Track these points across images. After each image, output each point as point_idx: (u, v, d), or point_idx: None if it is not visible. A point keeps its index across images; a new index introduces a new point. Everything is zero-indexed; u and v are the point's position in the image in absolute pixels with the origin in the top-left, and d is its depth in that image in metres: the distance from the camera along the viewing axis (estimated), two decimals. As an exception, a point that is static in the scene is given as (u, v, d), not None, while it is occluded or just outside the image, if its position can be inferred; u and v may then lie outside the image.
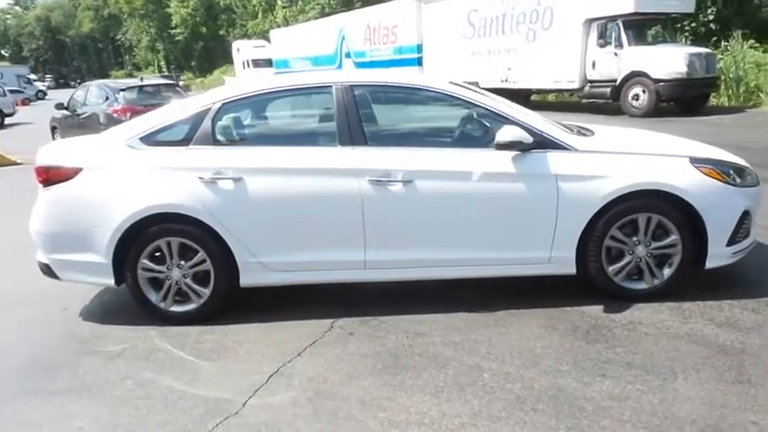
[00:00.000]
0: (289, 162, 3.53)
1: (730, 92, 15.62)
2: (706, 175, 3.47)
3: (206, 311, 3.69)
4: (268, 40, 39.31)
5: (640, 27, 14.34)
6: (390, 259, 3.59)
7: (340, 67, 25.08)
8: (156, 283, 3.69)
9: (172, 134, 3.70)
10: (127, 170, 3.60)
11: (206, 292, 3.66)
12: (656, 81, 13.09)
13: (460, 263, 3.60)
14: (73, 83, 70.97)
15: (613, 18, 13.82)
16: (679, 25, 17.33)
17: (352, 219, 3.50)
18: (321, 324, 3.57)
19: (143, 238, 3.57)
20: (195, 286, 3.66)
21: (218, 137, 3.65)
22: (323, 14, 39.62)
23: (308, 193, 3.50)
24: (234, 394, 2.87)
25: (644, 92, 13.41)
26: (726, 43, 16.46)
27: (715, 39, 17.41)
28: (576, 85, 14.92)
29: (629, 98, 13.67)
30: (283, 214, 3.53)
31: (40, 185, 3.72)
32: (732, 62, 15.56)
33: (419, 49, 20.17)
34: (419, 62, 20.21)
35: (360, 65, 23.74)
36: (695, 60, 13.04)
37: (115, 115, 9.83)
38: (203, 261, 3.61)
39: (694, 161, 3.51)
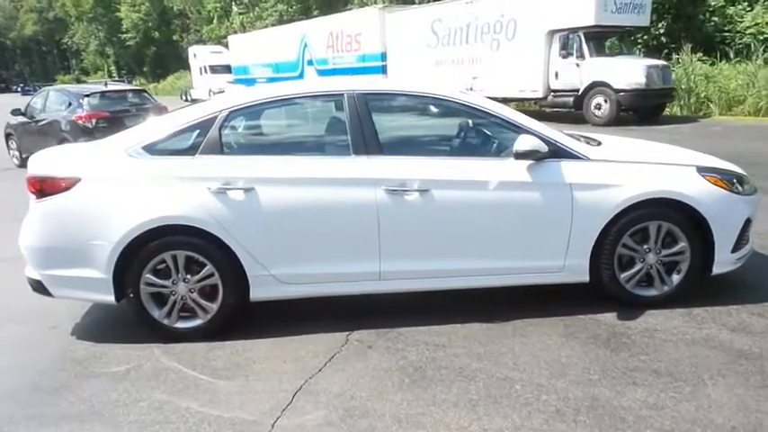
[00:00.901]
0: (302, 171, 3.43)
1: (682, 102, 16.30)
2: (712, 183, 3.56)
3: (213, 328, 3.54)
4: (225, 45, 38.74)
5: (599, 39, 14.84)
6: (405, 270, 3.53)
7: (302, 74, 24.88)
8: (159, 299, 3.52)
9: (176, 143, 3.55)
10: (129, 180, 3.42)
11: (213, 307, 3.51)
12: (617, 91, 13.53)
13: (476, 272, 3.57)
14: (15, 87, 68.01)
15: (575, 30, 14.24)
16: (632, 38, 17.97)
17: (367, 229, 3.43)
18: (335, 338, 3.48)
19: (147, 251, 3.40)
20: (202, 301, 3.51)
21: (227, 145, 3.52)
22: (281, 21, 39.38)
23: (321, 203, 3.40)
24: (260, 415, 2.74)
25: (605, 101, 13.84)
26: (677, 56, 17.15)
27: (666, 51, 18.14)
28: (539, 95, 15.28)
29: (592, 107, 14.07)
30: (296, 225, 3.43)
31: (33, 196, 3.49)
32: (683, 74, 16.24)
33: (383, 57, 20.24)
34: (383, 70, 20.28)
35: (322, 72, 23.58)
36: (653, 72, 13.55)
37: (80, 122, 9.41)
38: (211, 275, 3.46)
39: (701, 170, 3.60)
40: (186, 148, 3.53)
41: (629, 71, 13.47)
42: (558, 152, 3.48)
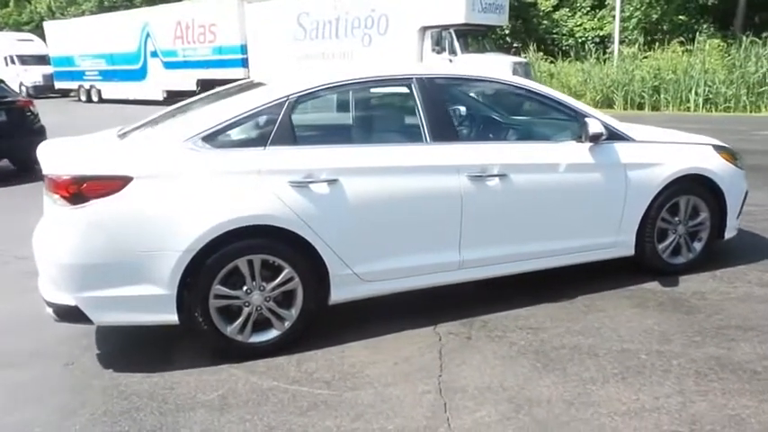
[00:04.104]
0: (385, 160, 3.22)
1: (532, 96, 18.06)
2: (725, 159, 4.05)
3: (290, 338, 3.18)
4: (32, 32, 34.03)
5: (466, 36, 15.78)
6: (484, 257, 3.49)
7: (144, 66, 22.92)
8: (226, 313, 3.07)
9: (239, 133, 3.12)
10: (193, 177, 2.92)
11: (292, 314, 3.15)
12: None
13: (546, 254, 3.65)
14: None
15: (446, 27, 14.99)
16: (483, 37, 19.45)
17: (450, 217, 3.34)
18: (424, 333, 3.34)
19: (219, 258, 2.94)
20: (279, 310, 3.13)
21: (299, 134, 3.17)
22: (101, 8, 35.69)
23: (407, 192, 3.23)
24: (425, 420, 2.54)
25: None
26: (524, 54, 18.93)
27: (514, 50, 19.91)
28: (413, 89, 15.79)
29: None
30: (380, 217, 3.21)
31: (62, 202, 2.81)
32: (532, 71, 17.99)
33: (243, 49, 19.41)
34: (244, 63, 19.46)
35: (170, 65, 21.97)
36: (517, 68, 14.80)
37: None
38: (290, 279, 3.09)
39: (716, 148, 4.07)
40: (253, 139, 3.12)
41: (498, 67, 14.52)
42: (612, 134, 3.69)
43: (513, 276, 3.72)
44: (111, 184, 2.80)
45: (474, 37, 16.98)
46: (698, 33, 17.35)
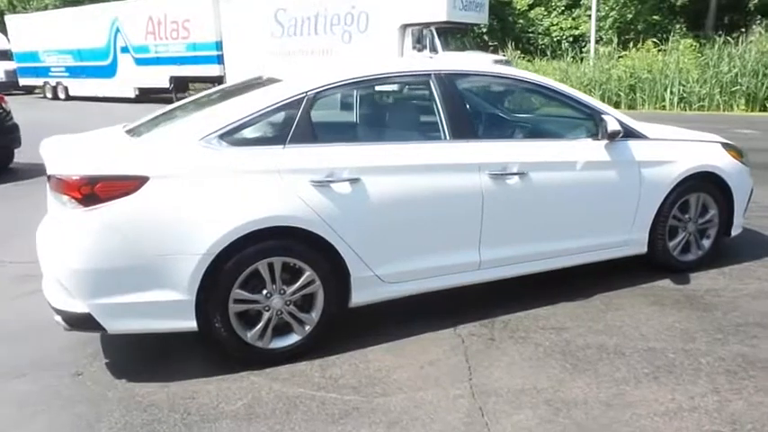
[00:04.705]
0: (407, 159, 3.13)
1: (510, 95, 18.19)
2: (733, 157, 4.08)
3: (311, 343, 3.07)
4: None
5: (446, 34, 15.77)
6: (503, 257, 3.44)
7: (114, 63, 22.34)
8: (245, 318, 2.95)
9: (257, 131, 2.99)
10: (211, 177, 2.79)
11: (313, 318, 3.05)
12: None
13: (562, 253, 3.61)
14: None
15: (427, 25, 14.94)
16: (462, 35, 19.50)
17: (471, 216, 3.27)
18: (445, 335, 3.27)
19: (239, 261, 2.82)
20: (300, 314, 3.02)
21: (319, 132, 3.06)
22: (65, 2, 34.67)
23: (428, 191, 3.15)
24: (463, 425, 2.47)
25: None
26: (503, 53, 19.04)
27: (491, 49, 20.03)
28: (394, 87, 15.74)
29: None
30: (402, 217, 3.13)
31: (73, 204, 2.65)
32: (511, 69, 18.10)
33: (218, 46, 19.06)
34: (219, 60, 19.12)
35: (141, 61, 21.44)
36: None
37: None
38: (310, 282, 2.99)
39: (724, 146, 4.10)
40: (272, 137, 3.00)
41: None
42: (627, 132, 3.67)
43: (525, 276, 3.68)
44: (127, 185, 2.66)
45: (453, 35, 17.04)
46: (671, 33, 17.67)
